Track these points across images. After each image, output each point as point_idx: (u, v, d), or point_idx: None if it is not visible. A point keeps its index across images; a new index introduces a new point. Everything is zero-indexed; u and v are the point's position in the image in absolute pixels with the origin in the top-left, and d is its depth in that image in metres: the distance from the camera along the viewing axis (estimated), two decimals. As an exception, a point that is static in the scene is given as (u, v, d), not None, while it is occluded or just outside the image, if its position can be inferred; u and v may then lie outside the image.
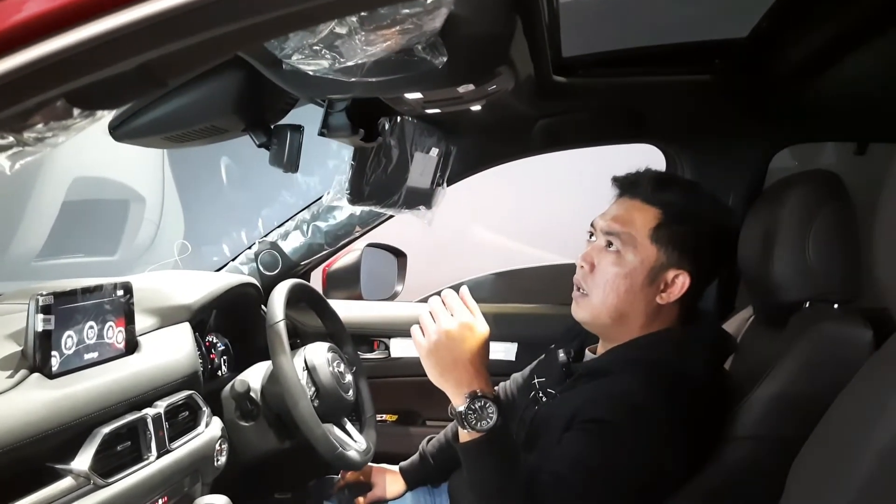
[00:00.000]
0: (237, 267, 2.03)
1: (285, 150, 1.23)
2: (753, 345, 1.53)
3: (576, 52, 1.53)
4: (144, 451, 1.27)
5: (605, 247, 1.34)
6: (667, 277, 1.32)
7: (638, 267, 1.31)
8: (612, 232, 1.33)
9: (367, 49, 0.92)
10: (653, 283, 1.32)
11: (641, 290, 1.32)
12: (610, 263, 1.33)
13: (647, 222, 1.32)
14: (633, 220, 1.33)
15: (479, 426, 1.22)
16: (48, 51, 0.52)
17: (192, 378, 1.48)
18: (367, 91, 1.12)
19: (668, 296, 1.32)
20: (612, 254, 1.33)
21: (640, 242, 1.32)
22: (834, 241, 1.34)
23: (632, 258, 1.31)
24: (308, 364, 1.59)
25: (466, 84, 1.12)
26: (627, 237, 1.32)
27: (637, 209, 1.34)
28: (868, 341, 1.25)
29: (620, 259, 1.32)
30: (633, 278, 1.31)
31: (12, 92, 0.53)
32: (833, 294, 1.34)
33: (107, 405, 1.22)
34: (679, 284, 1.31)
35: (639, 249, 1.31)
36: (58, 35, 0.52)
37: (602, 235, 1.36)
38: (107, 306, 1.31)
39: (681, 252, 1.31)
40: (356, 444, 1.61)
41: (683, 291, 1.32)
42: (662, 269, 1.32)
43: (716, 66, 1.56)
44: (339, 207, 1.97)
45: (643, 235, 1.32)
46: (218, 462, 1.48)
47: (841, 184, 1.38)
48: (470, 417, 1.22)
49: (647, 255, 1.31)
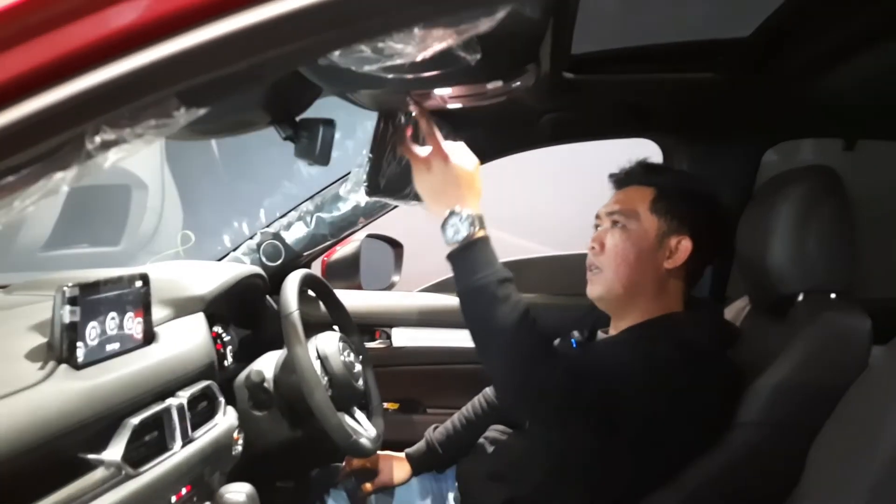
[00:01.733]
0: (239, 257, 2.03)
1: (317, 143, 1.24)
2: (752, 334, 1.58)
3: (584, 50, 1.56)
4: (170, 441, 1.28)
5: (611, 225, 1.45)
6: (671, 244, 1.43)
7: (644, 235, 1.43)
8: (615, 212, 1.45)
9: (417, 49, 0.94)
10: (659, 250, 1.43)
11: (650, 256, 1.42)
12: (619, 238, 1.44)
13: (645, 197, 1.45)
14: (632, 198, 1.46)
15: (455, 237, 1.24)
16: (173, 51, 0.54)
17: (208, 368, 1.49)
18: (400, 86, 1.14)
19: (674, 261, 1.43)
20: (619, 230, 1.44)
21: (641, 215, 1.44)
22: (832, 233, 1.39)
23: (637, 229, 1.43)
24: (320, 353, 1.60)
25: (496, 81, 1.15)
26: (630, 212, 1.44)
27: (634, 191, 1.48)
28: (867, 330, 1.31)
29: (627, 231, 1.43)
30: (641, 245, 1.42)
31: (133, 90, 0.55)
32: (831, 285, 1.40)
33: (134, 395, 1.23)
34: (683, 248, 1.42)
35: (642, 221, 1.43)
36: (181, 35, 0.54)
37: (607, 218, 1.47)
38: (127, 297, 1.30)
39: (680, 219, 1.43)
40: (367, 432, 1.63)
41: (688, 255, 1.42)
42: (666, 235, 1.43)
43: (718, 64, 1.60)
44: (343, 199, 1.98)
45: (644, 209, 1.44)
46: (235, 451, 1.49)
47: (838, 179, 1.43)
48: (448, 231, 1.25)
49: (649, 224, 1.43)
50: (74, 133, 0.56)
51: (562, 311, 1.93)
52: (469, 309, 1.25)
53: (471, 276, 1.22)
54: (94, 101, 0.54)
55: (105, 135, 0.59)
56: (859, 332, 1.31)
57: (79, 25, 0.53)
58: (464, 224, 1.24)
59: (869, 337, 1.30)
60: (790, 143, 2.24)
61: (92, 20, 0.54)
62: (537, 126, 1.87)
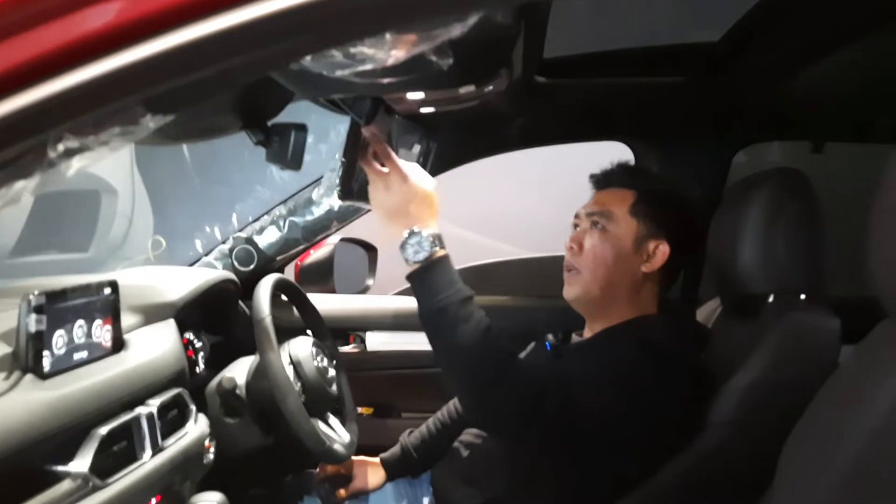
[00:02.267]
0: (210, 262, 2.00)
1: (288, 148, 1.23)
2: (722, 335, 1.59)
3: (556, 54, 1.57)
4: (139, 451, 1.25)
5: (590, 226, 1.46)
6: (649, 247, 1.44)
7: (622, 239, 1.44)
8: (595, 213, 1.46)
9: (389, 54, 0.94)
10: (637, 253, 1.44)
11: (628, 259, 1.43)
12: (596, 240, 1.44)
13: (625, 200, 1.46)
14: (612, 200, 1.47)
15: (416, 258, 1.24)
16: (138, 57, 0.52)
17: (179, 375, 1.46)
18: (372, 91, 1.13)
19: (651, 264, 1.44)
20: (598, 231, 1.45)
21: (620, 217, 1.44)
22: (801, 234, 1.40)
23: (615, 230, 1.44)
24: (293, 359, 1.58)
25: (468, 85, 1.15)
26: (609, 214, 1.45)
27: (614, 193, 1.48)
28: (836, 329, 1.32)
29: (606, 233, 1.44)
30: (620, 248, 1.43)
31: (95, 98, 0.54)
32: (800, 285, 1.41)
33: (101, 405, 1.20)
34: (661, 252, 1.43)
35: (621, 224, 1.44)
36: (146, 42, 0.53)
37: (586, 219, 1.47)
38: (95, 304, 1.28)
39: (658, 223, 1.44)
40: (340, 438, 1.61)
41: (665, 259, 1.43)
42: (644, 239, 1.44)
43: (688, 68, 1.62)
44: (316, 203, 1.97)
45: (623, 211, 1.45)
46: (206, 459, 1.46)
47: (807, 181, 1.45)
48: (409, 250, 1.25)
49: (628, 227, 1.44)
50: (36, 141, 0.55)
51: (537, 314, 1.93)
52: (431, 330, 1.25)
53: (433, 297, 1.23)
54: (56, 109, 0.53)
55: (68, 142, 0.58)
56: (828, 332, 1.32)
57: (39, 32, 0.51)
58: (424, 244, 1.24)
59: (838, 336, 1.32)
60: (760, 146, 2.28)
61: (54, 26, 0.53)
62: (509, 129, 1.88)
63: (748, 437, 1.30)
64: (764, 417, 1.29)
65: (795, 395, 1.20)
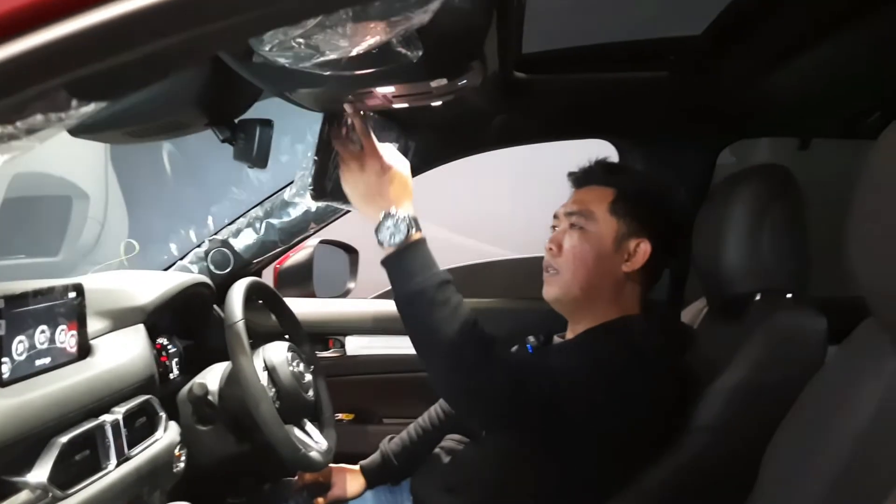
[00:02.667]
0: (186, 266, 1.96)
1: (254, 145, 1.19)
2: (708, 336, 1.57)
3: (535, 49, 1.53)
4: (103, 460, 1.22)
5: (569, 227, 1.42)
6: (629, 247, 1.40)
7: (602, 237, 1.40)
8: (574, 212, 1.42)
9: (350, 43, 0.90)
10: (617, 252, 1.40)
11: (608, 259, 1.40)
12: (576, 239, 1.40)
13: (605, 198, 1.42)
14: (591, 199, 1.43)
15: (392, 241, 1.21)
16: (54, 37, 0.49)
17: (148, 382, 1.43)
18: (340, 85, 1.09)
19: (632, 264, 1.40)
20: (577, 231, 1.41)
21: (599, 216, 1.40)
22: (786, 233, 1.38)
23: (595, 230, 1.40)
24: (268, 364, 1.55)
25: (440, 79, 1.11)
26: (588, 213, 1.41)
27: (593, 191, 1.44)
28: (823, 329, 1.30)
29: (585, 233, 1.40)
30: (600, 248, 1.39)
31: (12, 80, 0.50)
32: (786, 285, 1.39)
33: (63, 413, 1.17)
34: (642, 251, 1.40)
35: (600, 223, 1.40)
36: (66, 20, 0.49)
37: (565, 219, 1.44)
38: (59, 309, 1.25)
39: (639, 221, 1.40)
40: (317, 445, 1.58)
41: (646, 258, 1.39)
42: (624, 238, 1.40)
43: (670, 63, 1.59)
44: (293, 204, 1.93)
45: (602, 210, 1.41)
46: (176, 468, 1.43)
47: (792, 178, 1.42)
48: (384, 233, 1.21)
49: (608, 226, 1.40)
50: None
51: (519, 315, 1.90)
52: (408, 314, 1.21)
53: (409, 281, 1.19)
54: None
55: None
56: (815, 332, 1.30)
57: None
58: (400, 226, 1.20)
59: (824, 336, 1.29)
60: (746, 143, 2.25)
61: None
62: (489, 128, 1.84)
63: (732, 441, 1.28)
64: (748, 420, 1.27)
65: (780, 396, 1.18)
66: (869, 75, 1.55)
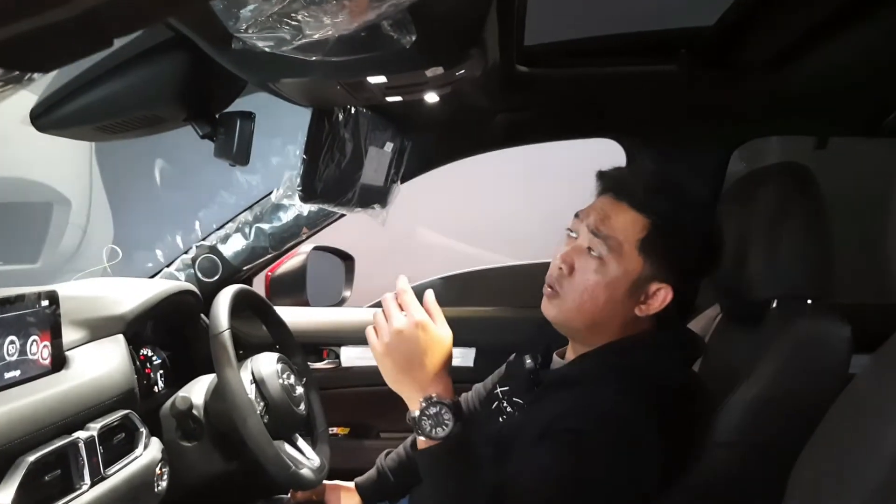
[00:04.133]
0: (173, 273, 1.89)
1: (234, 140, 1.12)
2: (724, 345, 1.50)
3: (538, 41, 1.46)
4: (76, 480, 1.14)
5: (588, 250, 1.24)
6: (649, 290, 1.23)
7: (621, 277, 1.22)
8: (600, 235, 1.23)
9: (333, 22, 0.83)
10: (632, 296, 1.23)
11: (621, 301, 1.23)
12: (592, 270, 1.23)
13: (637, 232, 1.22)
14: (621, 226, 1.23)
15: (435, 433, 1.13)
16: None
17: (127, 396, 1.35)
18: (328, 73, 1.02)
19: (647, 308, 1.24)
20: (595, 260, 1.23)
21: (626, 251, 1.21)
22: (807, 234, 1.31)
23: (615, 267, 1.21)
24: (256, 377, 1.47)
25: (435, 67, 1.04)
26: (615, 244, 1.21)
27: (625, 213, 1.23)
28: (847, 337, 1.23)
29: (604, 267, 1.22)
30: (614, 289, 1.22)
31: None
32: (807, 290, 1.31)
33: (32, 429, 1.10)
34: (660, 298, 1.23)
35: (624, 259, 1.21)
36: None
37: (587, 235, 1.25)
38: (30, 318, 1.18)
39: (668, 265, 1.22)
40: (309, 462, 1.50)
41: (664, 305, 1.23)
42: (646, 281, 1.22)
43: (680, 56, 1.51)
44: (284, 208, 1.86)
45: (630, 244, 1.21)
46: (158, 487, 1.35)
47: (812, 177, 1.35)
48: (425, 424, 1.13)
49: (632, 265, 1.22)
50: None
51: (519, 325, 1.83)
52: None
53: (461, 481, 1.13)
54: None
55: None
56: (838, 340, 1.23)
57: None
58: (444, 416, 1.12)
59: (849, 345, 1.22)
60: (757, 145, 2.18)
61: None
62: (491, 126, 1.77)
63: (754, 457, 1.21)
64: (770, 435, 1.21)
65: (803, 410, 1.12)
66: (891, 69, 1.47)
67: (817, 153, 1.82)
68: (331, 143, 1.36)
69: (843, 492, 0.87)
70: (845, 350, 1.22)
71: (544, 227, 1.43)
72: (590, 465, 1.12)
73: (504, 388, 1.43)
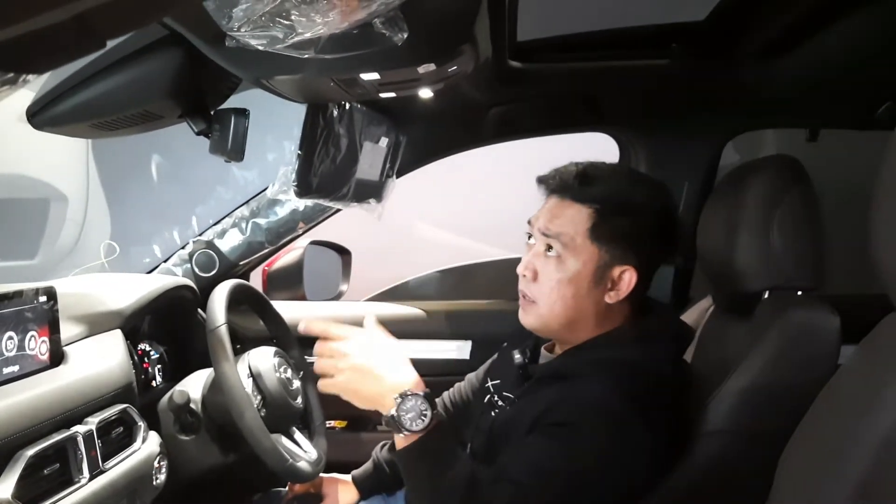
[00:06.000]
0: (170, 269, 1.89)
1: (229, 136, 1.13)
2: (716, 335, 1.51)
3: (531, 36, 1.47)
4: (75, 474, 1.15)
5: (545, 251, 1.27)
6: (613, 275, 1.25)
7: (581, 270, 1.24)
8: (550, 234, 1.26)
9: (325, 20, 0.84)
10: (599, 284, 1.25)
11: (588, 293, 1.25)
12: (552, 270, 1.26)
13: (584, 222, 1.24)
14: (567, 221, 1.25)
15: (416, 426, 1.16)
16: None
17: (125, 390, 1.36)
18: (320, 70, 1.03)
19: (616, 294, 1.26)
20: (553, 259, 1.26)
21: (579, 244, 1.24)
22: (798, 227, 1.32)
23: (573, 262, 1.24)
24: (253, 370, 1.48)
25: (427, 64, 1.04)
26: (566, 239, 1.24)
27: (570, 208, 1.26)
28: (836, 328, 1.24)
29: (562, 264, 1.25)
30: (579, 283, 1.25)
31: None
32: (798, 281, 1.32)
33: (31, 424, 1.11)
34: (626, 281, 1.25)
35: (579, 251, 1.24)
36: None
37: (540, 238, 1.28)
38: (28, 314, 1.19)
39: (623, 247, 1.24)
40: (306, 455, 1.51)
41: (631, 288, 1.25)
42: (607, 267, 1.25)
43: (673, 50, 1.52)
44: (280, 203, 1.86)
45: (582, 236, 1.24)
46: (157, 481, 1.36)
47: (803, 169, 1.36)
48: (404, 419, 1.16)
49: (588, 255, 1.24)
50: None
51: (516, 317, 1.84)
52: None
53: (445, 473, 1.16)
54: None
55: None
56: (827, 330, 1.23)
57: None
58: (421, 407, 1.16)
59: (838, 335, 1.23)
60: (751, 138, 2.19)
61: None
62: (484, 121, 1.78)
63: (745, 445, 1.22)
64: (761, 423, 1.21)
65: (793, 399, 1.13)
66: (881, 62, 1.48)
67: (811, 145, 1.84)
68: (325, 138, 1.37)
69: (827, 482, 0.89)
70: (834, 341, 1.23)
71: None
72: (579, 459, 1.14)
73: (495, 383, 1.44)
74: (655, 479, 1.21)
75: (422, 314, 1.99)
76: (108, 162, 3.26)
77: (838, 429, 0.92)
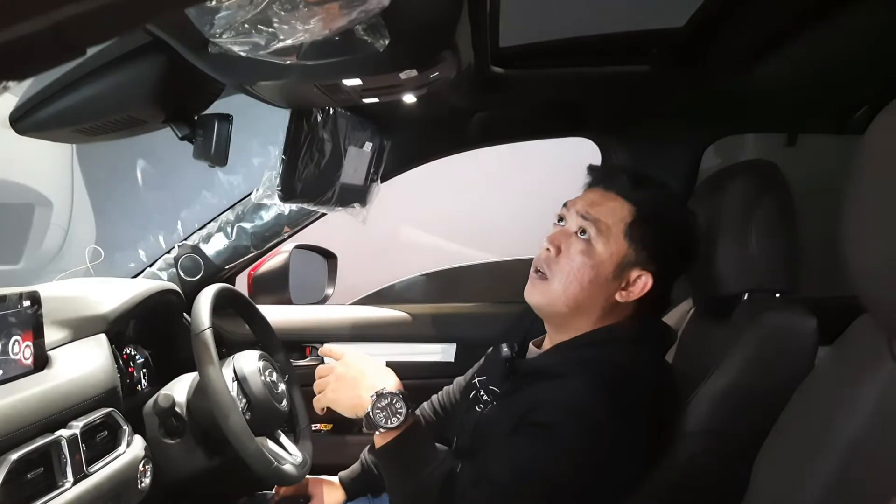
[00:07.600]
0: (155, 273, 1.89)
1: (212, 142, 1.13)
2: (695, 337, 1.53)
3: (512, 43, 1.48)
4: (59, 478, 1.15)
5: (577, 233, 1.30)
6: (630, 275, 1.29)
7: (606, 260, 1.28)
8: (588, 218, 1.30)
9: (306, 27, 0.85)
10: (616, 279, 1.29)
11: (604, 284, 1.29)
12: (579, 251, 1.29)
13: (624, 216, 1.29)
14: (608, 211, 1.30)
15: (390, 423, 1.21)
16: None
17: (109, 394, 1.36)
18: (303, 76, 1.04)
19: (627, 294, 1.30)
20: (583, 241, 1.29)
21: (613, 235, 1.29)
22: (775, 230, 1.34)
23: (603, 249, 1.28)
24: (238, 374, 1.48)
25: (409, 70, 1.06)
26: (603, 226, 1.29)
27: (613, 200, 1.31)
28: (813, 330, 1.26)
29: (591, 248, 1.29)
30: (599, 270, 1.28)
31: None
32: (775, 284, 1.35)
33: (15, 428, 1.10)
34: (641, 284, 1.29)
35: (611, 242, 1.29)
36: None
37: (576, 219, 1.31)
38: (11, 319, 1.18)
39: (649, 252, 1.29)
40: (292, 458, 1.51)
41: (644, 292, 1.29)
42: (629, 265, 1.29)
43: (652, 56, 1.54)
44: (265, 207, 1.87)
45: (618, 228, 1.29)
46: (142, 485, 1.36)
47: (780, 173, 1.38)
48: (378, 417, 1.22)
49: (616, 248, 1.29)
50: None
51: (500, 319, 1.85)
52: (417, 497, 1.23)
53: (421, 470, 1.21)
54: None
55: None
56: (804, 332, 1.26)
57: None
58: (396, 405, 1.22)
59: (814, 337, 1.25)
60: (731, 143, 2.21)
61: None
62: (468, 126, 1.79)
63: (723, 445, 1.24)
64: (739, 424, 1.23)
65: (771, 399, 1.15)
66: (857, 67, 1.51)
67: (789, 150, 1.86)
68: (310, 143, 1.38)
69: (800, 482, 0.91)
70: (811, 342, 1.25)
71: (523, 225, 1.46)
72: (562, 458, 1.16)
73: (481, 378, 1.45)
74: (636, 480, 1.23)
75: (407, 317, 2.00)
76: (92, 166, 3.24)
77: (812, 428, 0.94)
